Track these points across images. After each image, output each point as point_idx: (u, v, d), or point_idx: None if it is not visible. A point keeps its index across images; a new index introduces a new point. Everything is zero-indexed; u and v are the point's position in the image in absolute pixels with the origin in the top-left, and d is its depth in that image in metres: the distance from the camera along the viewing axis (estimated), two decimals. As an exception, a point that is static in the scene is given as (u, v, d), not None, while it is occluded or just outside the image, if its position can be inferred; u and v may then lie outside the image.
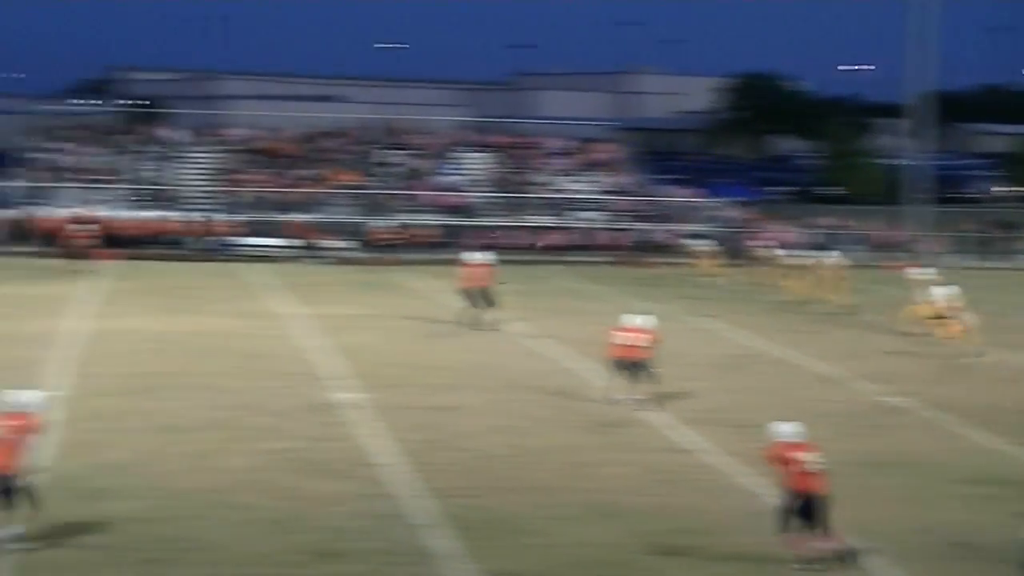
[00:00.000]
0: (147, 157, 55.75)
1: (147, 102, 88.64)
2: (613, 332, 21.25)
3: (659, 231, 51.41)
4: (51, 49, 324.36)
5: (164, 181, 53.31)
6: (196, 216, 48.71)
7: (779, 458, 13.69)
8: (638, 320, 21.29)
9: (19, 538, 13.26)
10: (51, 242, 42.44)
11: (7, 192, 52.11)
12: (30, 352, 24.31)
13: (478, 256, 30.52)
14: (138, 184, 52.83)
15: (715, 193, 58.02)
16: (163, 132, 58.60)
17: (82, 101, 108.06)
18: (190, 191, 52.51)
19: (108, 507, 14.71)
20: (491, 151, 56.69)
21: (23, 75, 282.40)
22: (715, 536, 14.47)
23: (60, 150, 55.89)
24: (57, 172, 53.47)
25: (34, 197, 51.28)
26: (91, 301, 32.55)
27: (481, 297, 29.49)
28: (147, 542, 13.71)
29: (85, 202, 49.83)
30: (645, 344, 20.90)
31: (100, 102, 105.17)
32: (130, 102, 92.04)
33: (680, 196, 55.50)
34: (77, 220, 42.72)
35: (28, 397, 13.62)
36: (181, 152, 55.92)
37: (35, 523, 13.39)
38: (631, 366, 20.82)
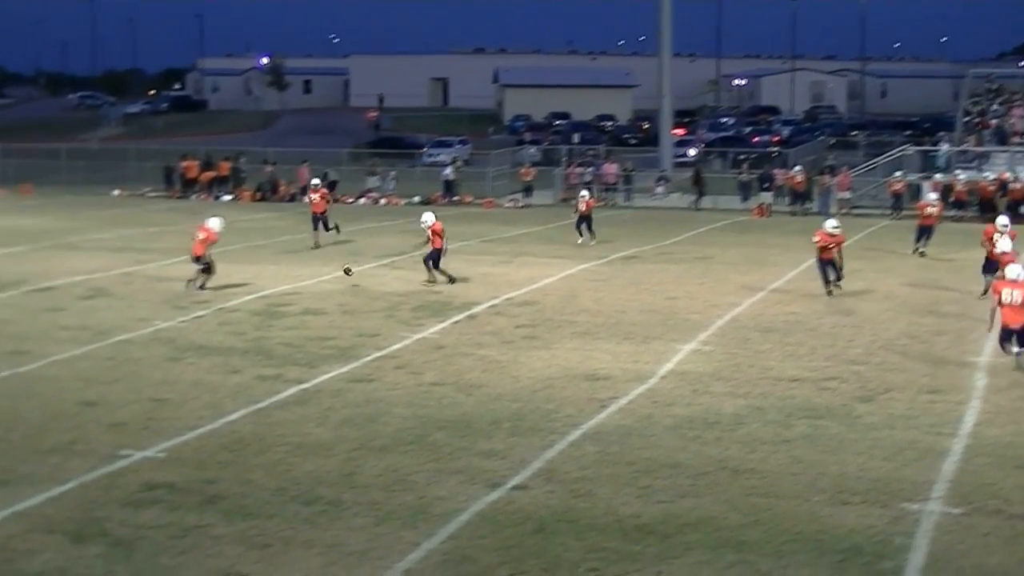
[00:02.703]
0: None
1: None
2: None
3: None
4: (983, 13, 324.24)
5: None
6: None
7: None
8: None
9: None
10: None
11: (936, 156, 52.14)
12: (927, 320, 24.10)
13: None
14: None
15: None
16: None
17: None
18: None
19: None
20: None
21: (945, 38, 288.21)
22: None
23: (994, 113, 55.16)
24: (988, 135, 52.77)
25: (964, 161, 50.82)
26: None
27: None
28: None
29: (1014, 166, 48.59)
30: None
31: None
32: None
33: None
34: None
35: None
36: None
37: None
38: None
